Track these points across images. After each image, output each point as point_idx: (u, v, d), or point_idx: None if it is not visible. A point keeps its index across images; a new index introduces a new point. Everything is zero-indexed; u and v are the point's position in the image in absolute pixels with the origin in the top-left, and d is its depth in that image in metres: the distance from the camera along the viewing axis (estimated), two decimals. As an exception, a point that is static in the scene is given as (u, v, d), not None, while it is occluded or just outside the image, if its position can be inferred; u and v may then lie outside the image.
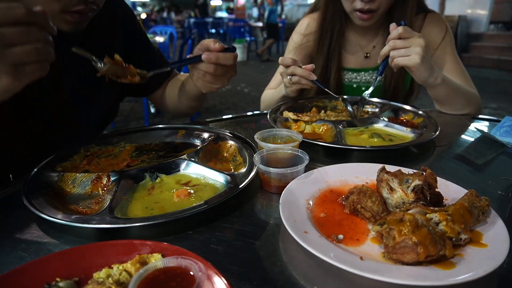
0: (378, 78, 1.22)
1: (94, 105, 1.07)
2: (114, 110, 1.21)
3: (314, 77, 1.18)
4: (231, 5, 17.56)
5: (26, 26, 0.58)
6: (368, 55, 1.49)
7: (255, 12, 15.38)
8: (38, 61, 0.61)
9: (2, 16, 0.56)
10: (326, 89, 1.24)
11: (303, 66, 1.20)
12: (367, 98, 1.26)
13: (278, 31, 10.00)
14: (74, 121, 1.03)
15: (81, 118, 1.05)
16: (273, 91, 1.49)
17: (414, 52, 1.06)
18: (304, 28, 1.51)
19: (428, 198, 0.65)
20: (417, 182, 0.66)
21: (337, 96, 1.29)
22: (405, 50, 1.07)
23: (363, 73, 1.50)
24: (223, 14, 16.73)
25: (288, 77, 1.23)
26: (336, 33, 1.44)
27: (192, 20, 11.16)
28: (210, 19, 12.27)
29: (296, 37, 1.54)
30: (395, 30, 1.09)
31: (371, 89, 1.25)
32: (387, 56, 1.13)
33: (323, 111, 1.32)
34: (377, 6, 1.25)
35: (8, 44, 0.57)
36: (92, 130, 1.12)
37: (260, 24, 11.56)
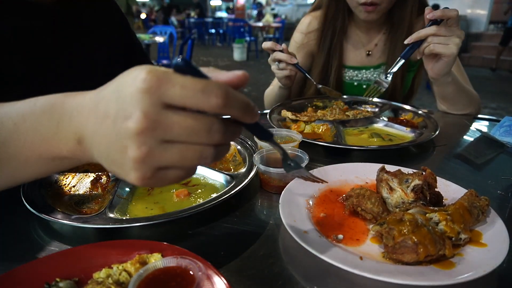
0: (400, 63, 1.14)
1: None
2: None
3: (295, 61, 1.18)
4: (231, 5, 17.56)
5: (208, 121, 0.38)
6: (369, 53, 1.49)
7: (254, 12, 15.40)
8: (191, 168, 0.41)
9: (188, 102, 0.36)
10: (307, 74, 1.25)
11: (283, 49, 1.19)
12: (384, 80, 1.23)
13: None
14: None
15: None
16: (273, 85, 1.50)
17: (453, 42, 1.04)
18: (306, 26, 1.51)
19: (428, 198, 0.65)
20: (416, 182, 0.66)
21: (316, 83, 1.30)
22: (445, 38, 1.04)
23: (364, 71, 1.50)
24: (223, 14, 16.72)
25: (276, 63, 1.23)
26: (338, 30, 1.44)
27: (192, 20, 11.15)
28: (210, 19, 12.27)
29: (297, 36, 1.53)
30: (448, 11, 1.04)
31: (395, 68, 1.16)
32: (415, 42, 1.07)
33: (319, 110, 1.31)
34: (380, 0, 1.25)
35: (170, 140, 0.37)
36: None
37: (260, 24, 11.56)
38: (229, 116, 0.39)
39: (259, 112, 0.41)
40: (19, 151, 0.45)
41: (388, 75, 1.21)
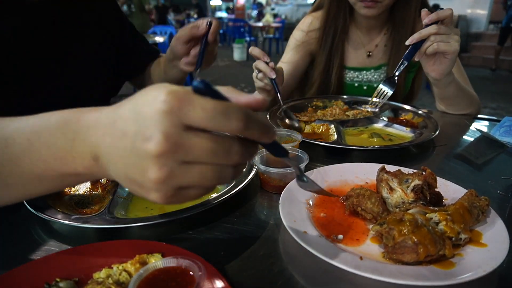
0: (403, 65, 1.12)
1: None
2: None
3: (273, 76, 1.10)
4: (231, 5, 17.56)
5: (227, 143, 0.38)
6: (370, 54, 1.48)
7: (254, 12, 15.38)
8: (210, 187, 0.41)
9: (208, 124, 0.36)
10: (278, 94, 1.14)
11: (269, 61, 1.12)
12: (389, 85, 1.20)
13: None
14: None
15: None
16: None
17: (454, 39, 1.04)
18: (307, 25, 1.50)
19: (428, 198, 0.65)
20: (416, 182, 0.66)
21: (282, 103, 1.19)
22: (446, 36, 1.04)
23: (364, 72, 1.50)
24: (223, 14, 16.72)
25: (256, 71, 1.17)
26: (340, 30, 1.43)
27: (192, 20, 11.15)
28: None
29: (298, 34, 1.52)
30: (441, 12, 1.04)
31: (398, 71, 1.14)
32: (416, 43, 1.06)
33: (319, 110, 1.31)
34: None
35: (190, 161, 0.37)
36: None
37: (260, 24, 11.56)
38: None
39: (276, 131, 0.41)
40: (32, 168, 0.44)
41: (395, 77, 1.18)
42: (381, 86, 1.20)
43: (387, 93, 1.18)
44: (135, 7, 6.57)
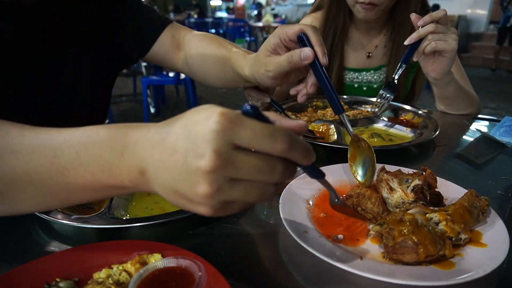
0: (402, 68, 1.10)
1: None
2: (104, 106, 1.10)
3: (268, 100, 1.02)
4: (231, 5, 17.55)
5: (272, 162, 0.40)
6: (370, 55, 1.49)
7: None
8: (252, 203, 0.45)
9: (256, 144, 0.39)
10: (281, 112, 1.09)
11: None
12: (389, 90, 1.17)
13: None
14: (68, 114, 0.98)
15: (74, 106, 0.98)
16: None
17: (451, 38, 1.04)
18: None
19: (428, 198, 0.65)
20: (416, 182, 0.66)
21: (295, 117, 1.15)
22: (444, 35, 1.04)
23: (364, 73, 1.50)
24: (223, 14, 16.71)
25: (249, 98, 1.10)
26: (339, 31, 1.43)
27: (192, 20, 11.15)
28: (210, 19, 12.27)
29: None
30: (435, 13, 1.04)
31: (397, 75, 1.12)
32: (413, 44, 1.05)
33: (319, 110, 1.31)
34: (379, 0, 1.24)
35: (237, 178, 0.40)
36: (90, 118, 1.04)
37: (260, 24, 11.57)
38: None
39: (315, 154, 0.44)
40: (78, 179, 0.46)
41: (394, 81, 1.17)
42: (381, 92, 1.19)
43: (388, 97, 1.18)
44: (159, 8, 6.65)
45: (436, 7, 7.31)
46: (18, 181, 0.47)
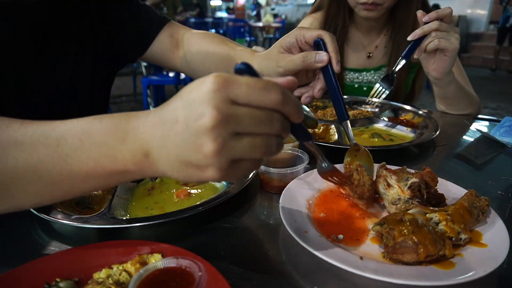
0: (402, 62, 1.08)
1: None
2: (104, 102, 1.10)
3: None
4: (231, 5, 17.54)
5: (270, 113, 0.42)
6: (370, 55, 1.48)
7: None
8: (258, 159, 0.44)
9: (253, 98, 0.40)
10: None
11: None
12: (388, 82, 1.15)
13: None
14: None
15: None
16: None
17: (454, 37, 1.04)
18: (307, 26, 1.50)
19: (425, 197, 0.65)
20: (413, 179, 0.66)
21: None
22: (447, 33, 1.03)
23: (365, 73, 1.50)
24: (223, 14, 16.71)
25: None
26: (339, 32, 1.43)
27: (192, 20, 11.15)
28: (210, 19, 12.28)
29: None
30: (441, 10, 1.04)
31: (397, 67, 1.09)
32: (415, 40, 1.05)
33: (320, 110, 1.31)
34: (382, 0, 1.24)
35: (240, 132, 0.41)
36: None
37: (260, 24, 11.57)
38: None
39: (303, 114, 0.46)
40: (81, 166, 0.46)
41: (394, 75, 1.17)
42: (378, 84, 1.19)
43: (384, 91, 1.17)
44: (168, 9, 6.69)
45: (436, 7, 7.32)
46: (21, 172, 0.47)
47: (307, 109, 1.02)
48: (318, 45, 0.77)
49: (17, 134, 0.48)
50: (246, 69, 0.43)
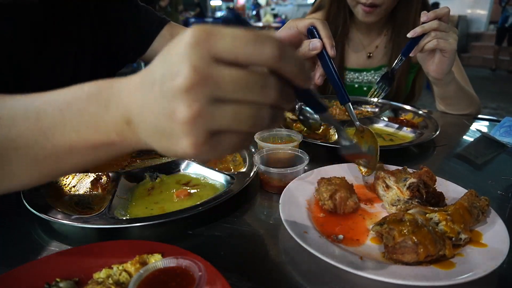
0: (402, 60, 1.07)
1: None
2: None
3: None
4: (231, 5, 17.54)
5: (262, 75, 0.34)
6: (370, 55, 1.48)
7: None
8: (245, 134, 0.36)
9: (240, 52, 0.33)
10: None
11: None
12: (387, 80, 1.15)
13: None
14: None
15: None
16: None
17: (452, 38, 1.04)
18: None
19: (424, 197, 0.65)
20: (412, 180, 0.66)
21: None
22: (446, 33, 1.04)
23: (365, 73, 1.50)
24: (223, 14, 16.69)
25: None
26: (340, 32, 1.43)
27: (192, 20, 11.14)
28: (210, 19, 12.27)
29: None
30: (439, 10, 1.04)
31: (397, 66, 1.09)
32: (414, 38, 1.04)
33: None
34: (381, 1, 1.24)
35: (222, 98, 0.33)
36: None
37: (260, 24, 11.56)
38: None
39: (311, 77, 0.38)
40: (64, 139, 0.42)
41: (393, 72, 1.16)
42: (378, 82, 1.19)
43: (385, 87, 1.17)
44: (171, 7, 6.77)
45: (435, 5, 7.31)
46: (2, 149, 0.43)
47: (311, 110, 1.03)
48: (312, 33, 0.80)
49: None
50: (234, 19, 0.35)
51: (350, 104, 0.82)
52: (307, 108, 1.07)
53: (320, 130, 1.12)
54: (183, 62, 0.33)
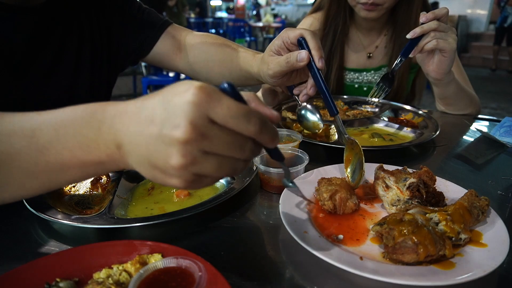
0: (401, 61, 1.07)
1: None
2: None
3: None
4: (231, 5, 17.53)
5: (243, 140, 0.42)
6: (370, 55, 1.48)
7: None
8: (222, 177, 0.47)
9: (231, 122, 0.40)
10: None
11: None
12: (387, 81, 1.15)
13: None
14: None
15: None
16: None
17: (451, 38, 1.04)
18: (307, 26, 1.50)
19: (424, 197, 0.65)
20: (412, 179, 0.66)
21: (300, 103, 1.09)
22: (445, 33, 1.03)
23: (365, 73, 1.50)
24: (223, 14, 16.70)
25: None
26: (340, 32, 1.43)
27: (192, 20, 11.14)
28: (210, 19, 12.28)
29: None
30: (437, 11, 1.03)
31: (397, 67, 1.09)
32: (413, 39, 1.04)
33: (320, 110, 1.31)
34: (382, 0, 1.24)
35: (210, 152, 0.41)
36: None
37: (260, 24, 11.56)
38: None
39: (279, 139, 0.47)
40: (57, 157, 0.46)
41: (393, 73, 1.16)
42: (377, 84, 1.18)
43: (385, 88, 1.17)
44: (177, 8, 6.77)
45: (435, 5, 7.31)
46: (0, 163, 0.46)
47: (318, 115, 1.04)
48: (301, 44, 0.80)
49: None
50: (230, 91, 0.42)
51: (338, 116, 0.83)
52: (308, 108, 1.07)
53: (320, 130, 1.12)
54: (184, 117, 0.38)
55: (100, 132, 0.44)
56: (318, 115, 1.05)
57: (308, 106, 1.07)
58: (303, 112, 1.06)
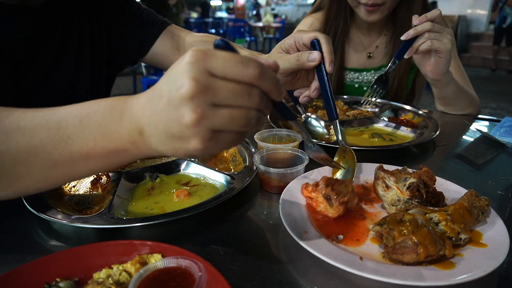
0: (395, 63, 1.07)
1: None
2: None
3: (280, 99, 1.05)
4: (231, 5, 17.53)
5: (248, 87, 0.43)
6: (370, 55, 1.49)
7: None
8: (239, 132, 0.46)
9: (229, 71, 0.42)
10: (298, 106, 1.10)
11: None
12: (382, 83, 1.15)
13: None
14: None
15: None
16: None
17: (446, 38, 1.04)
18: (307, 26, 1.50)
19: (424, 197, 0.65)
20: (412, 180, 0.66)
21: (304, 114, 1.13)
22: (440, 34, 1.03)
23: (365, 73, 1.50)
24: (223, 14, 16.69)
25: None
26: (340, 32, 1.43)
27: (192, 20, 11.13)
28: (210, 19, 12.27)
29: None
30: (430, 13, 1.03)
31: (390, 69, 1.09)
32: (407, 41, 1.04)
33: (319, 110, 1.31)
34: (382, 0, 1.24)
35: (219, 104, 0.42)
36: None
37: (260, 24, 11.56)
38: None
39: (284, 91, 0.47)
40: (82, 147, 0.49)
41: (387, 75, 1.17)
42: (371, 86, 1.17)
43: (380, 91, 1.17)
44: (176, 8, 6.76)
45: (434, 4, 7.30)
46: (24, 155, 0.49)
47: (322, 123, 1.06)
48: (314, 45, 0.80)
49: (19, 119, 0.50)
50: (224, 45, 0.44)
51: (337, 121, 0.83)
52: (313, 118, 1.11)
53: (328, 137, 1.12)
54: (185, 76, 0.41)
55: (122, 121, 0.47)
56: (322, 124, 1.07)
57: (312, 116, 1.09)
58: (308, 121, 1.10)
